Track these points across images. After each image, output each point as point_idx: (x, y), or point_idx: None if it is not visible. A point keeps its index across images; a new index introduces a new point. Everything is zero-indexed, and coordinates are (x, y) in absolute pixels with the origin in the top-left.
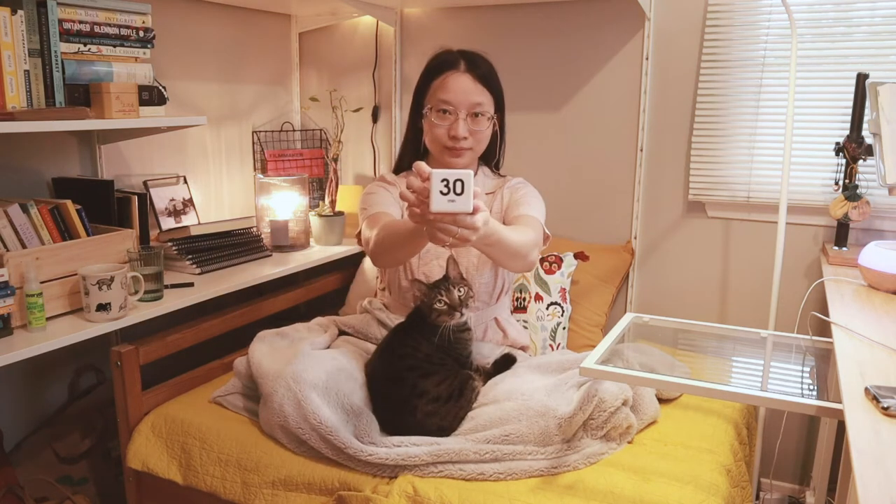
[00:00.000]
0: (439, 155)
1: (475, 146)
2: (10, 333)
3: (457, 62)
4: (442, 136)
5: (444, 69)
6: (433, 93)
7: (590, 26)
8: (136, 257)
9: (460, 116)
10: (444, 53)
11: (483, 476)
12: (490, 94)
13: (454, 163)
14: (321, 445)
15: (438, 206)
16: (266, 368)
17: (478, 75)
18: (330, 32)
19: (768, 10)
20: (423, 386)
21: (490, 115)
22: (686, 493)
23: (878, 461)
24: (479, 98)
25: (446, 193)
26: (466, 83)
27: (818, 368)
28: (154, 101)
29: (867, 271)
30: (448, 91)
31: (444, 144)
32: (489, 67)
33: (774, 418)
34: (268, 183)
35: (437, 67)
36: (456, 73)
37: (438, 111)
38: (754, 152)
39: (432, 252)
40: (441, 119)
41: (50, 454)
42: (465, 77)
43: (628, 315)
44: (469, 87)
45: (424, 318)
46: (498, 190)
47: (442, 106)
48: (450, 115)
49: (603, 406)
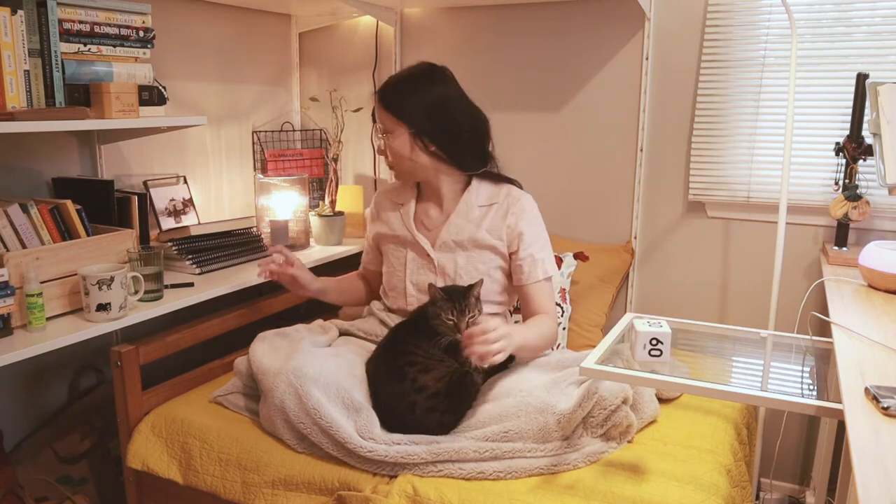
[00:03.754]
0: None
1: (393, 164)
2: (10, 333)
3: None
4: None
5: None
6: None
7: (590, 26)
8: (136, 257)
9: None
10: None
11: (483, 475)
12: (393, 116)
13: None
14: (322, 440)
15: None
16: (267, 365)
17: (380, 97)
18: (330, 32)
19: (768, 10)
20: (422, 381)
21: (400, 135)
22: (686, 493)
23: (878, 461)
24: (382, 120)
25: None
26: (377, 106)
27: (818, 368)
28: (154, 101)
29: (867, 271)
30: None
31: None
32: (396, 88)
33: (774, 418)
34: (268, 183)
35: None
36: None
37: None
38: (754, 152)
39: (418, 261)
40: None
41: (50, 454)
42: (375, 99)
43: (628, 315)
44: (377, 110)
45: (427, 318)
46: (494, 204)
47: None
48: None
49: (603, 404)
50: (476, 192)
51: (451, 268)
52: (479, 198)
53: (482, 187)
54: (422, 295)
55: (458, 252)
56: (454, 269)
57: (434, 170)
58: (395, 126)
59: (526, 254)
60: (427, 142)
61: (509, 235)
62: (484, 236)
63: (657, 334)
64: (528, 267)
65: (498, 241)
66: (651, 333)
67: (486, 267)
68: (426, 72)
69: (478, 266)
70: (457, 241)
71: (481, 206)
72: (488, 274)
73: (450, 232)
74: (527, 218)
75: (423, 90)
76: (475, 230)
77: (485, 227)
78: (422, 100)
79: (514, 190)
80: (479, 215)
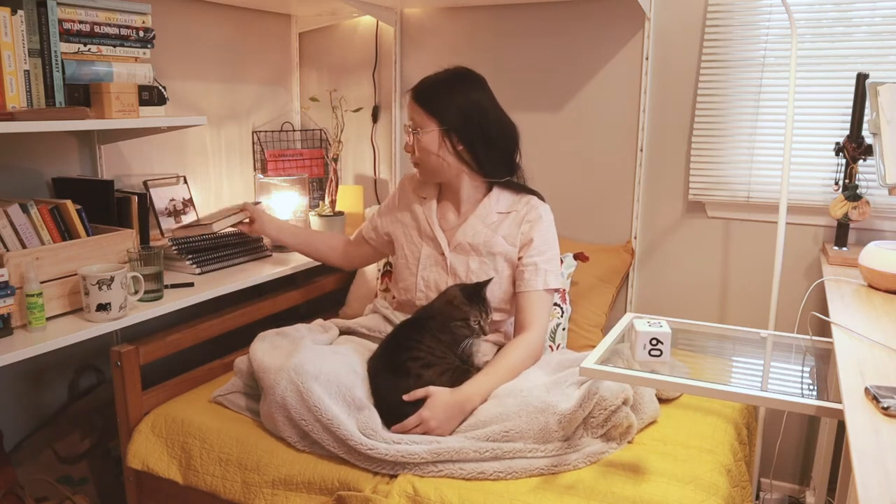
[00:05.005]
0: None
1: (419, 160)
2: (10, 333)
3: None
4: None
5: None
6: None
7: (590, 26)
8: (136, 257)
9: (407, 132)
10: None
11: (483, 475)
12: (425, 111)
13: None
14: (324, 437)
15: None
16: (268, 364)
17: (416, 95)
18: (330, 32)
19: (768, 10)
20: (426, 376)
21: (425, 131)
22: (686, 493)
23: (878, 461)
24: (413, 115)
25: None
26: (409, 102)
27: (818, 368)
28: (154, 101)
29: (867, 271)
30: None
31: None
32: (432, 88)
33: (774, 418)
34: (268, 183)
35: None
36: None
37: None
38: (754, 152)
39: (433, 258)
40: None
41: (50, 454)
42: (408, 97)
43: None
44: (409, 106)
45: (432, 317)
46: (512, 212)
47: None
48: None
49: (603, 404)
50: (496, 199)
51: (463, 270)
52: (498, 205)
53: (503, 195)
54: (430, 291)
55: (471, 255)
56: (465, 273)
57: (457, 171)
58: (427, 122)
59: (530, 261)
60: (456, 141)
61: (521, 241)
62: (499, 242)
63: (657, 334)
64: (529, 274)
65: (511, 249)
66: (651, 333)
67: (498, 274)
68: (463, 75)
69: (489, 272)
70: (472, 245)
71: (500, 212)
72: (499, 281)
73: (466, 234)
74: (540, 227)
75: (458, 91)
76: (491, 235)
77: (501, 233)
78: (456, 100)
79: (535, 200)
80: (497, 221)
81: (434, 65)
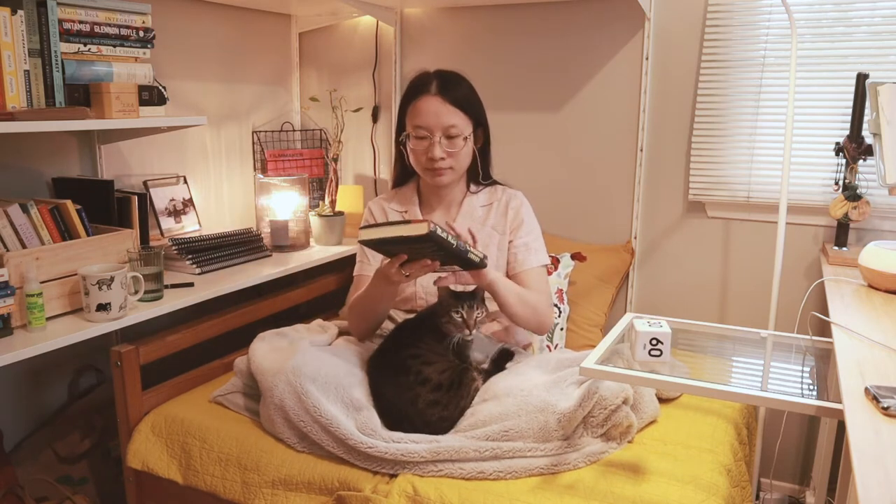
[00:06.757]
0: (423, 175)
1: (455, 165)
2: (10, 333)
3: (428, 85)
4: (421, 159)
5: (418, 93)
6: (409, 118)
7: (590, 26)
8: (136, 257)
9: (435, 139)
10: (418, 76)
11: (483, 475)
12: (463, 113)
13: (438, 181)
14: (323, 437)
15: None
16: (266, 366)
17: (449, 97)
18: (330, 32)
19: (768, 10)
20: (426, 373)
21: (465, 135)
22: (686, 492)
23: (878, 461)
24: (452, 120)
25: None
26: (438, 106)
27: (818, 368)
28: (154, 101)
29: (867, 271)
30: (421, 115)
31: (424, 167)
32: (463, 87)
33: (774, 418)
34: (268, 183)
35: (410, 91)
36: (427, 96)
37: (416, 137)
38: (754, 152)
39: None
40: (418, 143)
41: (50, 454)
42: (436, 100)
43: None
44: (441, 110)
45: (433, 317)
46: (494, 202)
47: (417, 132)
48: (425, 139)
49: (603, 403)
50: (476, 195)
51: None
52: (479, 199)
53: (480, 192)
54: (430, 297)
55: None
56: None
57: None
58: (466, 125)
59: (521, 241)
60: (480, 140)
61: (511, 225)
62: (489, 233)
63: (657, 334)
64: (523, 255)
65: (501, 236)
66: (651, 333)
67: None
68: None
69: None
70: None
71: (483, 206)
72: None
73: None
74: (525, 209)
75: (472, 87)
76: (481, 228)
77: (489, 224)
78: (476, 96)
79: (507, 188)
80: (482, 215)
81: (434, 65)
